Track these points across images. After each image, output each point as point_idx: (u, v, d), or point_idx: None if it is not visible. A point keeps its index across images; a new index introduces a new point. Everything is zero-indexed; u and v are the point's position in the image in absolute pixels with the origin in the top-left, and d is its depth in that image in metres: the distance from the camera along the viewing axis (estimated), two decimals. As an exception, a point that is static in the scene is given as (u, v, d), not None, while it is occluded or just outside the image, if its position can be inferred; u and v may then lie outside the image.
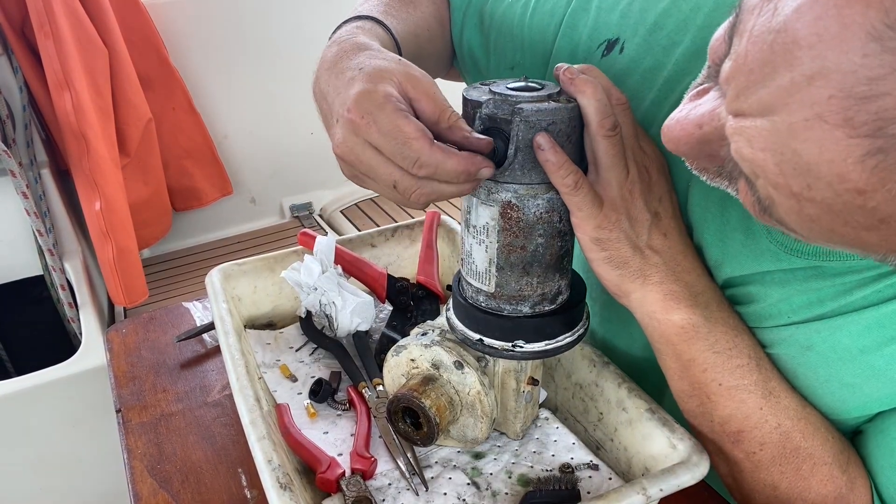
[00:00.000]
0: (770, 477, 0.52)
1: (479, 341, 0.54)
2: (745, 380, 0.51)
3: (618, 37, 0.61)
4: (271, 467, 0.50)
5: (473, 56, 0.76)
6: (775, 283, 0.51)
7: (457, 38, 0.78)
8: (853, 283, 0.48)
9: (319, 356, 0.74)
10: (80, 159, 1.58)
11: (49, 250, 1.60)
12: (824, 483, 0.51)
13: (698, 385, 0.52)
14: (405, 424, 0.56)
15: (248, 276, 0.76)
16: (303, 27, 2.08)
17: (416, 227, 0.85)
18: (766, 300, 0.52)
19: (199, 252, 2.20)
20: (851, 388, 0.49)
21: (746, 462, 0.53)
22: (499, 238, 0.50)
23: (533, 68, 0.70)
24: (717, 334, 0.51)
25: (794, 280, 0.50)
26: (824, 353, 0.50)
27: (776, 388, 0.51)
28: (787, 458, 0.51)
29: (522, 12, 0.70)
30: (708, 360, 0.51)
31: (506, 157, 0.46)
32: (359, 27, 0.59)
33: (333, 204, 2.40)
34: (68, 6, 1.50)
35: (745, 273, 0.53)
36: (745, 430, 0.51)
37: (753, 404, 0.51)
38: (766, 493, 0.53)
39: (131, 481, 0.65)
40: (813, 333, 0.50)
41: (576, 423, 0.65)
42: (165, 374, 0.79)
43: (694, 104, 0.39)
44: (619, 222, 0.49)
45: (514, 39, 0.71)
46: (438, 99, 0.47)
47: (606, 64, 0.62)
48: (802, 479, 0.51)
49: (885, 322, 0.47)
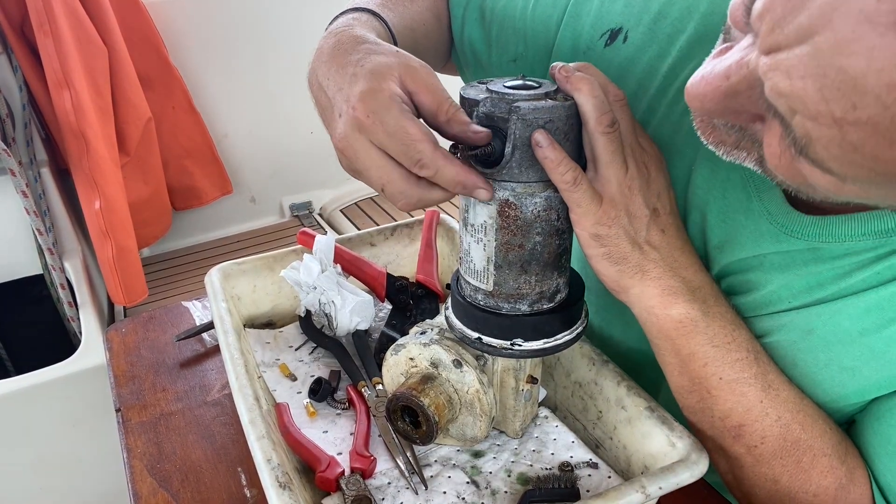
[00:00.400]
0: (771, 471, 0.52)
1: (477, 340, 0.54)
2: (744, 373, 0.51)
3: (621, 26, 0.62)
4: (270, 466, 0.50)
5: (475, 51, 0.76)
6: (775, 267, 0.52)
7: (457, 34, 0.78)
8: (852, 265, 0.48)
9: (319, 355, 0.74)
10: (79, 158, 1.58)
11: (49, 249, 1.60)
12: (824, 474, 0.51)
13: (698, 380, 0.52)
14: (404, 423, 0.56)
15: (248, 275, 0.76)
16: (303, 26, 2.07)
17: (416, 226, 0.85)
18: (767, 286, 0.53)
19: (199, 251, 2.20)
20: (851, 371, 0.50)
21: (747, 457, 0.53)
22: (497, 236, 0.50)
23: (535, 60, 0.70)
24: (715, 328, 0.51)
25: (793, 264, 0.51)
26: (825, 337, 0.50)
27: (775, 380, 0.52)
28: (787, 451, 0.51)
29: (524, 5, 0.70)
30: (708, 354, 0.51)
31: (503, 155, 0.46)
32: (355, 19, 0.59)
33: (333, 203, 2.40)
34: (68, 5, 1.50)
35: (746, 256, 0.53)
36: (747, 423, 0.52)
37: (754, 397, 0.51)
38: (768, 487, 0.53)
39: (131, 480, 0.65)
40: (814, 317, 0.51)
41: (575, 421, 0.65)
42: (165, 373, 0.79)
43: (718, 59, 0.38)
44: (618, 218, 0.49)
45: (516, 32, 0.71)
46: (438, 90, 0.47)
47: (609, 54, 0.62)
48: (803, 471, 0.51)
49: (884, 304, 0.47)
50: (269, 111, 2.18)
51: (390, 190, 0.47)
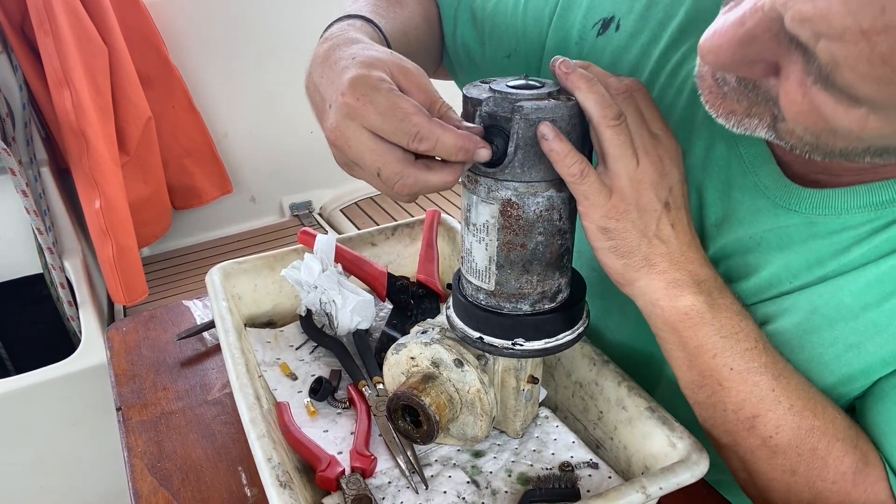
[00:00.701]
0: (788, 461, 0.52)
1: (478, 339, 0.54)
2: (754, 362, 0.51)
3: (613, 15, 0.63)
4: (271, 465, 0.50)
5: (468, 50, 0.77)
6: (773, 247, 0.53)
7: (450, 36, 0.79)
8: (850, 239, 0.49)
9: (319, 354, 0.74)
10: (79, 157, 1.58)
11: (49, 249, 1.60)
12: (841, 459, 0.51)
13: (709, 372, 0.52)
14: (405, 422, 0.56)
15: (249, 274, 0.76)
16: (303, 26, 2.07)
17: (417, 225, 0.85)
18: (767, 268, 0.53)
19: (199, 251, 2.20)
20: (856, 348, 0.50)
21: (763, 449, 0.52)
22: (499, 236, 0.50)
23: (530, 54, 0.71)
24: (721, 319, 0.51)
25: (791, 242, 0.52)
26: (828, 315, 0.51)
27: (784, 369, 0.52)
28: (803, 439, 0.51)
29: (516, 2, 0.71)
30: (717, 345, 0.51)
31: (506, 154, 0.46)
32: (350, 25, 0.59)
33: (333, 203, 2.40)
34: (68, 4, 1.50)
35: (744, 235, 0.54)
36: (760, 413, 0.51)
37: (766, 386, 0.51)
38: (785, 479, 0.53)
39: (131, 479, 0.65)
40: (816, 297, 0.51)
41: (576, 421, 0.65)
42: (165, 372, 0.79)
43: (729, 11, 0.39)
44: (628, 212, 0.48)
45: (509, 28, 0.72)
46: (430, 90, 0.48)
47: (602, 43, 0.64)
48: (820, 458, 0.51)
49: (884, 278, 0.48)
50: (269, 111, 2.18)
51: (386, 173, 0.46)
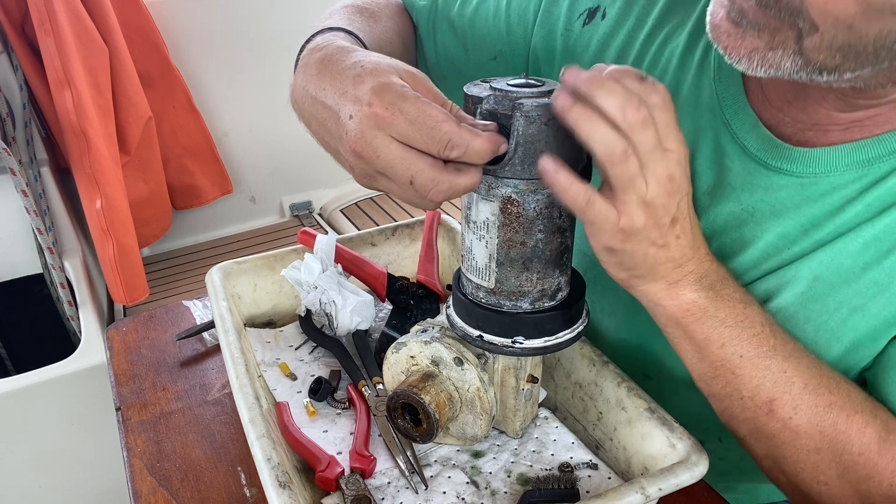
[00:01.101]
0: (811, 441, 0.52)
1: (478, 337, 0.54)
2: (763, 346, 0.51)
3: (598, 4, 0.66)
4: (270, 465, 0.50)
5: (451, 59, 0.78)
6: (766, 216, 0.54)
7: (430, 47, 0.79)
8: (842, 199, 0.51)
9: (319, 355, 0.74)
10: (80, 157, 1.58)
11: (49, 248, 1.60)
12: (863, 431, 0.51)
13: (720, 362, 0.52)
14: (405, 421, 0.56)
15: (248, 274, 0.76)
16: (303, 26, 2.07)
17: (417, 226, 0.85)
18: (763, 237, 0.55)
19: (199, 251, 2.19)
20: (861, 310, 0.51)
21: (785, 432, 0.52)
22: (499, 233, 0.50)
23: (516, 53, 0.72)
24: (724, 310, 0.51)
25: (784, 209, 0.53)
26: (829, 280, 0.52)
27: (794, 349, 0.52)
28: (822, 416, 0.51)
29: (497, 4, 0.72)
30: (723, 335, 0.51)
31: (506, 152, 0.46)
32: (334, 35, 0.59)
33: (333, 203, 2.40)
34: (69, 4, 1.50)
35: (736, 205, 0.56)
36: (776, 396, 0.51)
37: (778, 368, 0.51)
38: (811, 459, 0.52)
39: (131, 479, 0.64)
40: (815, 264, 0.52)
41: (575, 422, 0.65)
42: (165, 372, 0.79)
43: None
44: (635, 235, 0.47)
45: (492, 31, 0.73)
46: (437, 92, 0.48)
47: (589, 32, 0.66)
48: (842, 433, 0.51)
49: (880, 236, 0.50)
50: (269, 110, 2.18)
51: (421, 180, 0.45)
